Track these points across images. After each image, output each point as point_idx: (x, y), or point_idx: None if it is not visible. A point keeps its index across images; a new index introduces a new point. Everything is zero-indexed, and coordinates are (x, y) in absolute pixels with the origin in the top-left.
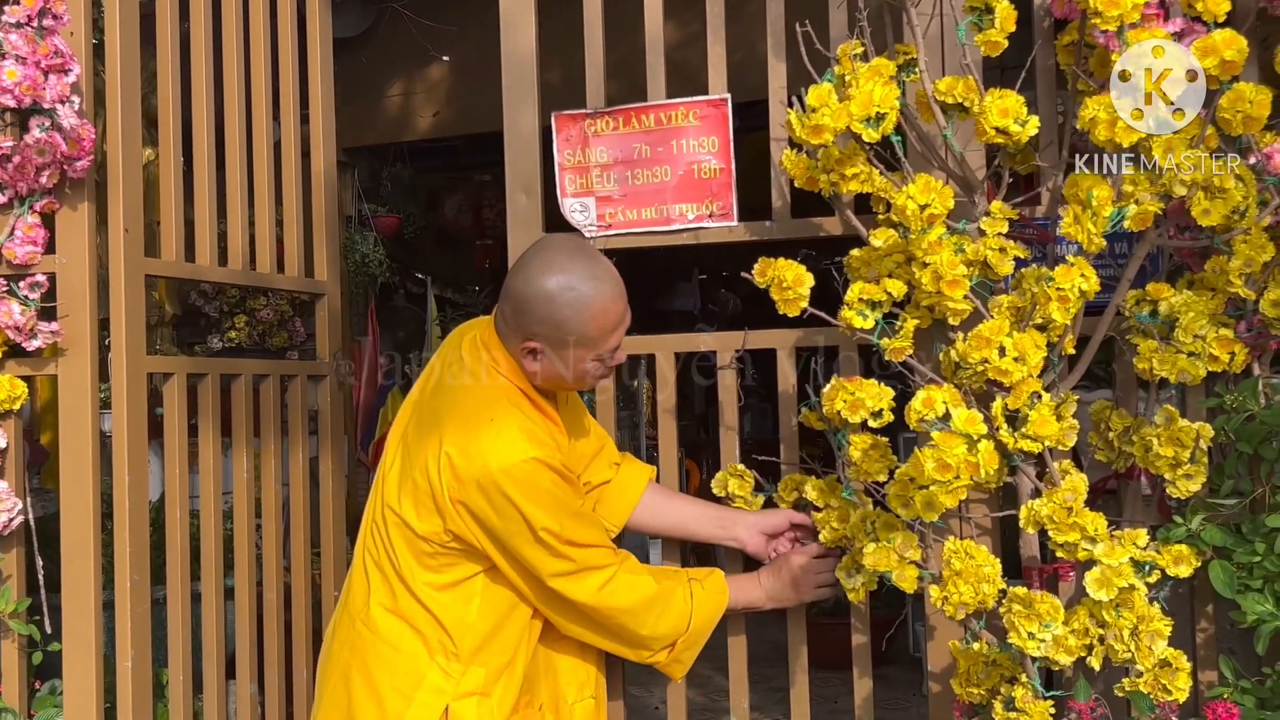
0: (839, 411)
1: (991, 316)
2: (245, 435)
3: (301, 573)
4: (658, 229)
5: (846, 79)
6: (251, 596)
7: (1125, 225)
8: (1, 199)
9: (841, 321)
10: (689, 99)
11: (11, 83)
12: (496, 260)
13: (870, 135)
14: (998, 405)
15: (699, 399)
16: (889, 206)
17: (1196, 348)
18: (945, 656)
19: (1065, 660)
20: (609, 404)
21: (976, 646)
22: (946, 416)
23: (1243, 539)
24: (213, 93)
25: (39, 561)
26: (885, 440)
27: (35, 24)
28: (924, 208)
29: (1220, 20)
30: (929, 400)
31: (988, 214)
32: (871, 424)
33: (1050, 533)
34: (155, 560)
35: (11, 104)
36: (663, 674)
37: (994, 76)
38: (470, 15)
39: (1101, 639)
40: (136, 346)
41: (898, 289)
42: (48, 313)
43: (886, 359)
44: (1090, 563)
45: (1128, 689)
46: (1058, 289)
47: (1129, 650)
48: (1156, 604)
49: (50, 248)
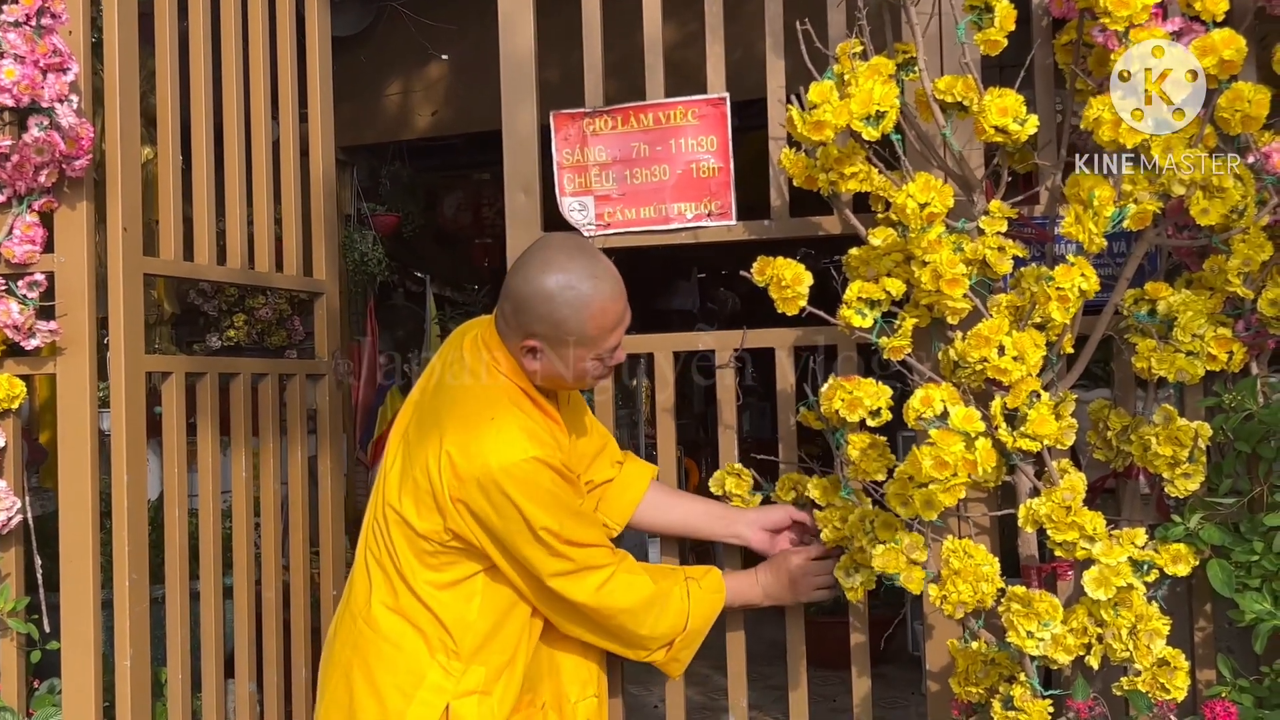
0: (837, 410)
1: (990, 315)
2: (244, 434)
3: (300, 572)
4: (656, 228)
5: (846, 78)
6: (250, 595)
7: (1124, 224)
8: (0, 198)
9: (840, 320)
10: (688, 98)
11: (10, 82)
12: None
13: (870, 134)
14: (996, 404)
15: (698, 398)
16: (888, 205)
17: (1195, 347)
18: (944, 655)
19: (1064, 659)
20: (608, 404)
21: (975, 645)
22: (944, 415)
23: (1241, 538)
24: (211, 91)
25: (38, 560)
26: (884, 439)
27: (34, 23)
28: (923, 206)
29: (1219, 20)
30: (927, 399)
31: (987, 213)
32: (870, 423)
33: (1049, 532)
34: (154, 559)
35: (10, 103)
36: (661, 672)
37: (993, 75)
38: (469, 14)
39: (1100, 638)
40: (135, 345)
41: (896, 288)
42: (46, 312)
43: (885, 358)
44: (1089, 562)
45: (1126, 688)
46: (1057, 288)
47: (1127, 649)
48: (1155, 603)
49: (49, 247)
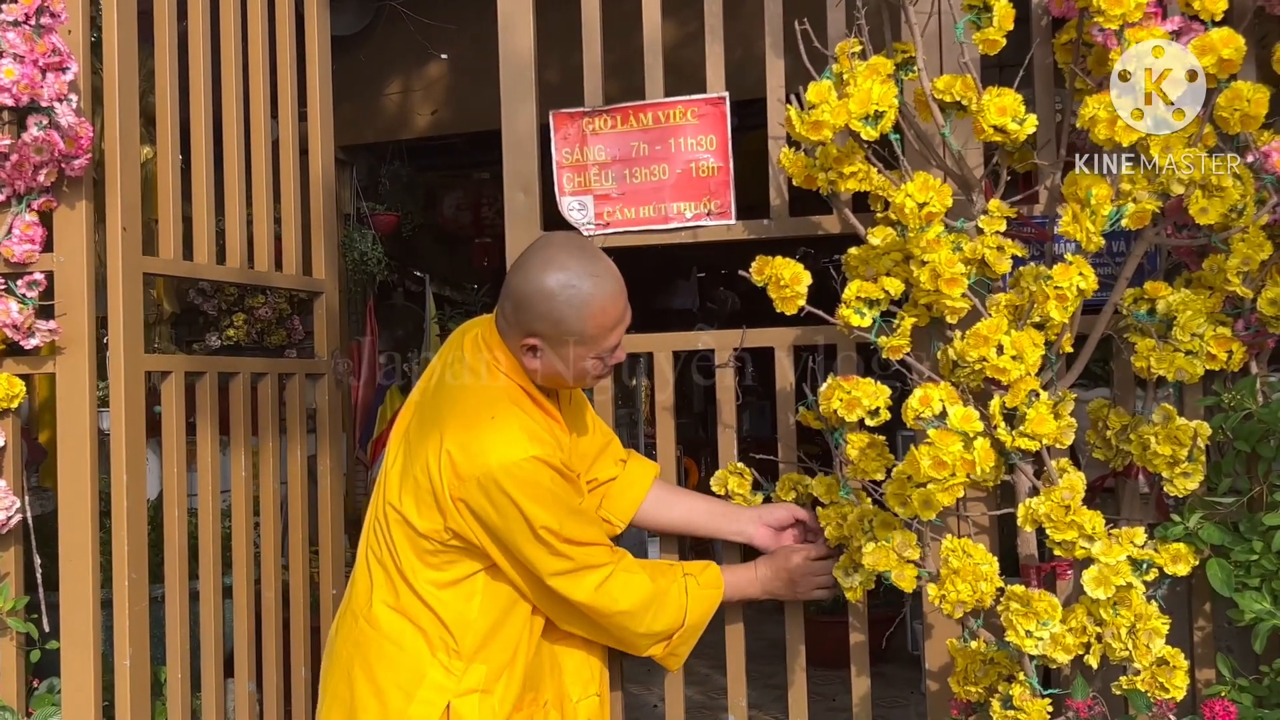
0: (835, 410)
1: (989, 315)
2: (243, 433)
3: (299, 571)
4: (656, 227)
5: (845, 77)
6: (250, 595)
7: (1123, 224)
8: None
9: (839, 320)
10: (687, 97)
11: (9, 81)
12: (495, 259)
13: (868, 133)
14: (995, 403)
15: (698, 397)
16: (887, 205)
17: (1194, 346)
18: (943, 655)
19: (1063, 658)
20: (608, 403)
21: (974, 645)
22: (943, 414)
23: (1240, 537)
24: (211, 91)
25: (37, 560)
26: (882, 439)
27: (33, 22)
28: (922, 206)
29: (1218, 19)
30: (926, 398)
31: (986, 212)
32: (869, 423)
33: (1048, 531)
34: (153, 558)
35: (9, 102)
36: (661, 671)
37: (992, 75)
38: (468, 13)
39: (1099, 637)
40: (134, 345)
41: (895, 287)
42: (46, 311)
43: (884, 357)
44: (1088, 561)
45: (1125, 687)
46: (1056, 287)
47: (1126, 648)
48: (1154, 602)
49: (48, 246)
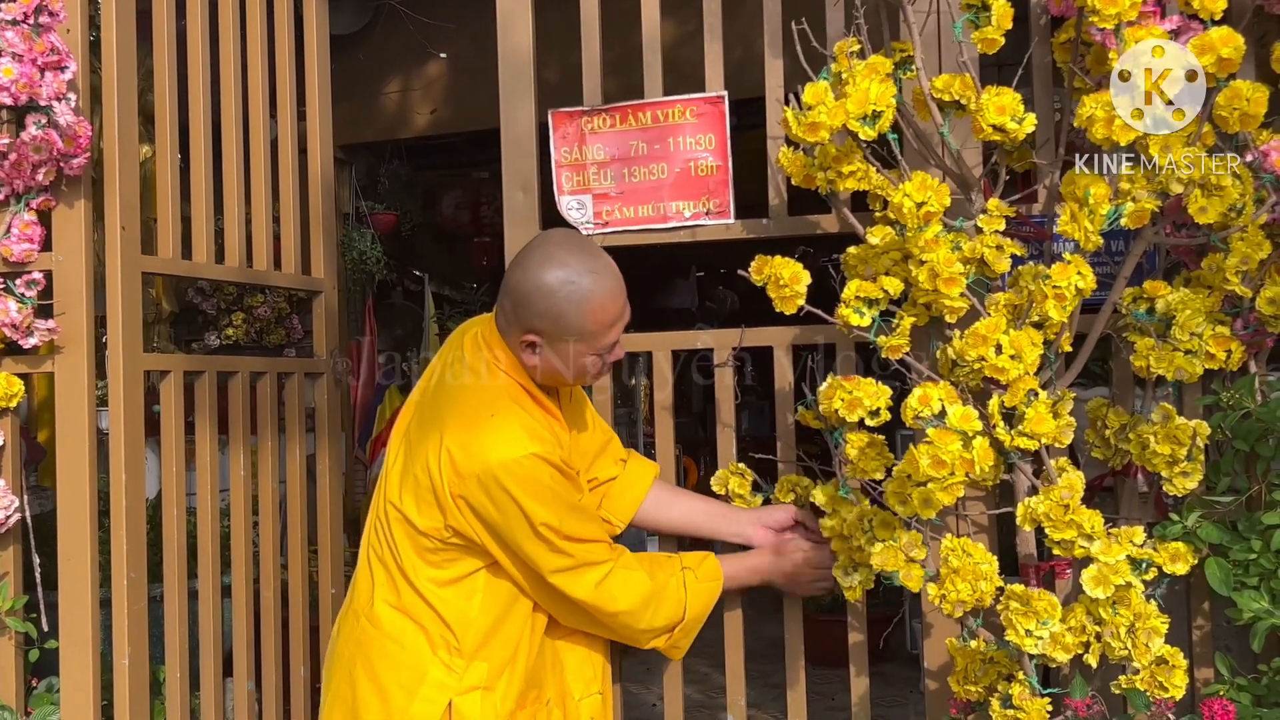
0: (836, 410)
1: (988, 314)
2: (242, 433)
3: (299, 570)
4: (655, 226)
5: (843, 76)
6: (249, 594)
7: (1122, 223)
8: None
9: (838, 319)
10: (686, 96)
11: (8, 80)
12: (494, 258)
13: (867, 133)
14: (994, 403)
15: (697, 397)
16: (886, 204)
17: (1193, 345)
18: (942, 654)
19: (1062, 657)
20: (607, 403)
21: (974, 644)
22: (942, 414)
23: (1239, 536)
24: (209, 90)
25: (36, 559)
26: (881, 438)
27: (31, 21)
28: (921, 205)
29: (1217, 18)
30: (925, 397)
31: (984, 211)
32: (869, 423)
33: (1047, 530)
34: (152, 558)
35: (8, 101)
36: (659, 669)
37: (991, 74)
38: (467, 12)
39: (1098, 636)
40: (133, 344)
41: (895, 287)
42: (44, 310)
43: (883, 356)
44: (1087, 560)
45: (1124, 686)
46: (1054, 287)
47: (1126, 647)
48: (1153, 601)
49: (47, 245)
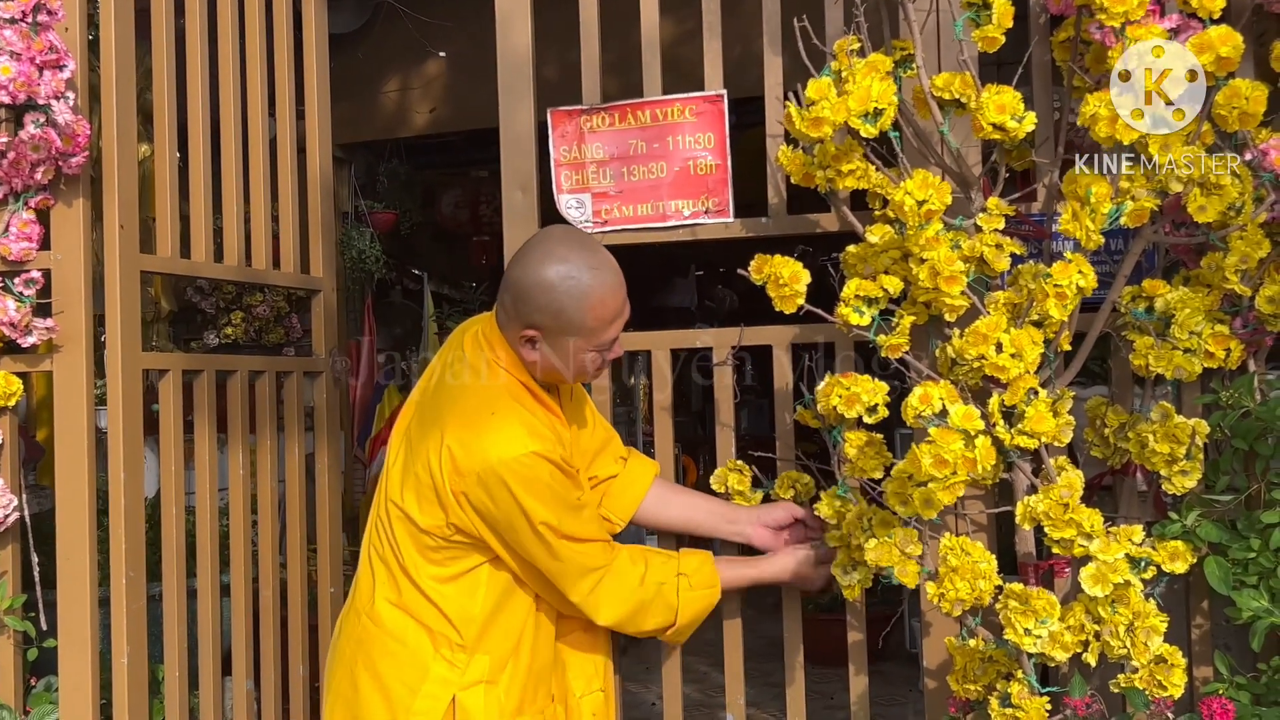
0: (834, 408)
1: (988, 313)
2: (241, 432)
3: (297, 569)
4: (654, 225)
5: (843, 75)
6: (247, 593)
7: (1122, 221)
8: None
9: (838, 318)
10: (685, 95)
11: (6, 79)
12: (493, 256)
13: (867, 131)
14: (994, 401)
15: (696, 396)
16: (885, 203)
17: (1192, 344)
18: (941, 653)
19: (1061, 656)
20: (606, 403)
21: (973, 643)
22: (943, 413)
23: (1238, 535)
24: (208, 89)
25: (34, 558)
26: (880, 437)
27: (30, 20)
28: (921, 204)
29: (1216, 16)
30: (926, 396)
31: (984, 210)
32: (867, 420)
33: (1046, 529)
34: (151, 557)
35: (6, 100)
36: (658, 668)
37: (991, 72)
38: (466, 11)
39: (1097, 635)
40: (132, 343)
41: (894, 285)
42: (43, 309)
43: (883, 355)
44: (1086, 559)
45: (1123, 685)
46: (1055, 285)
47: (1125, 646)
48: (1152, 600)
49: (45, 244)
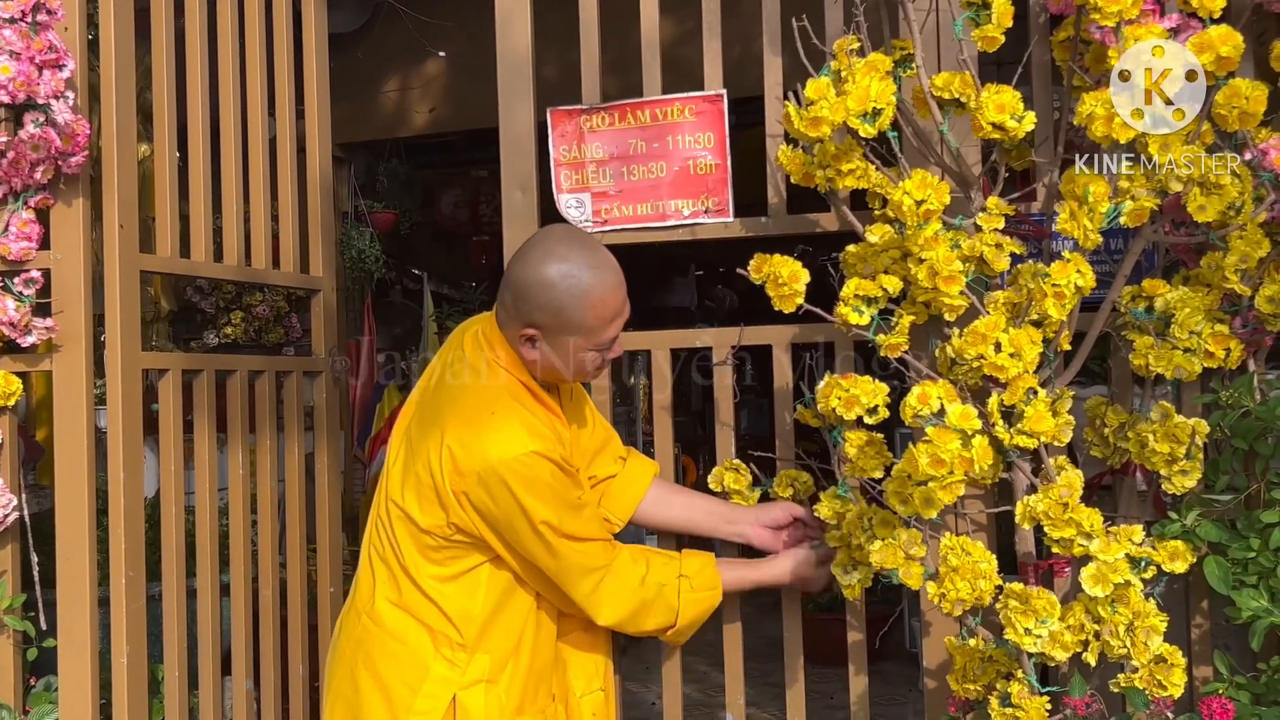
0: (834, 408)
1: (987, 312)
2: (241, 431)
3: (297, 569)
4: (653, 225)
5: (843, 74)
6: (247, 593)
7: (1121, 221)
8: None
9: (837, 318)
10: (685, 95)
11: (5, 78)
12: (493, 256)
13: (867, 130)
14: (994, 401)
15: (696, 396)
16: (885, 202)
17: (1192, 344)
18: (941, 652)
19: (1061, 656)
20: (605, 403)
21: (973, 642)
22: (942, 412)
23: (1238, 535)
24: (208, 88)
25: (34, 557)
26: (880, 437)
27: (29, 19)
28: (920, 203)
29: (1216, 16)
30: (924, 396)
31: (984, 209)
32: (867, 420)
33: (1046, 528)
34: (150, 556)
35: (5, 99)
36: (658, 668)
37: (990, 72)
38: (466, 10)
39: (1097, 635)
40: (132, 342)
41: (894, 285)
42: (42, 309)
43: (882, 355)
44: (1086, 558)
45: (1123, 684)
46: (1054, 285)
47: (1125, 646)
48: (1152, 600)
49: (45, 243)
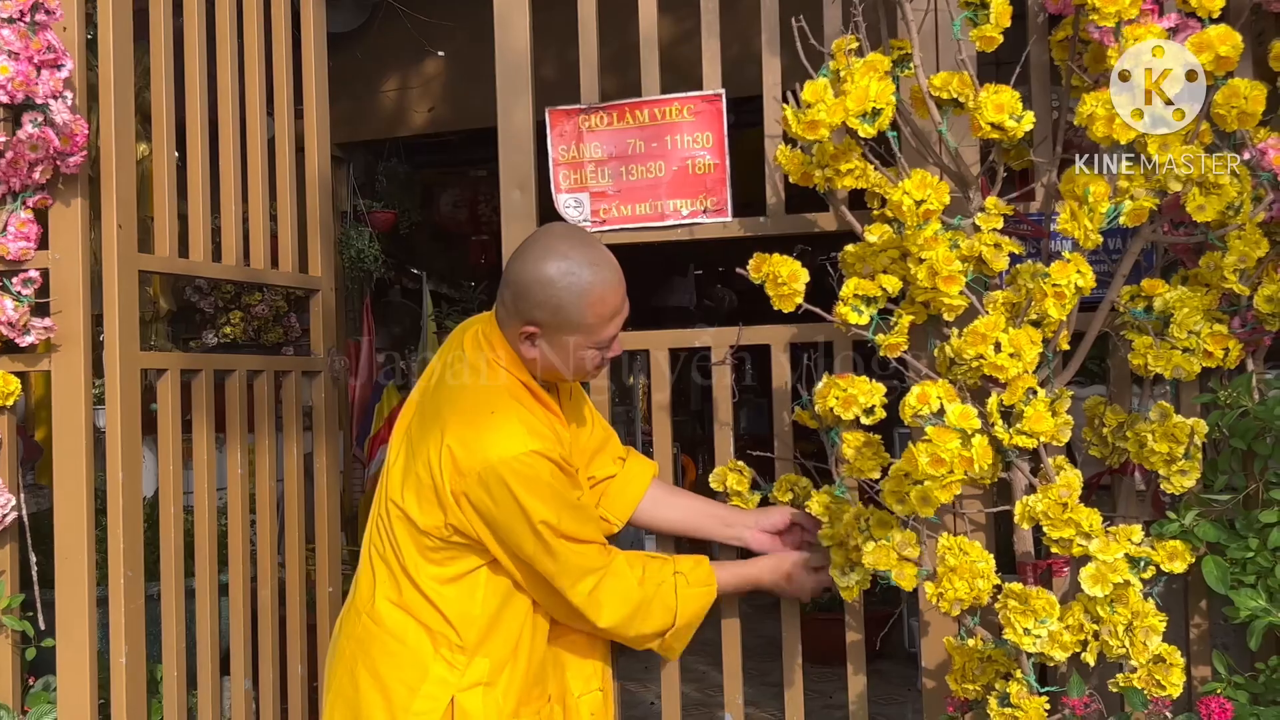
0: (832, 409)
1: (987, 312)
2: (240, 431)
3: (296, 568)
4: (652, 224)
5: (841, 74)
6: (246, 593)
7: (1120, 221)
8: None
9: (836, 317)
10: (683, 94)
11: (4, 78)
12: (492, 256)
13: (865, 130)
14: (993, 401)
15: (695, 395)
16: (884, 202)
17: (1191, 343)
18: (940, 652)
19: (1060, 656)
20: (605, 402)
21: (971, 642)
22: (941, 412)
23: (1236, 535)
24: (206, 88)
25: (33, 557)
26: (878, 437)
27: (28, 19)
28: (919, 203)
29: (1215, 15)
30: (923, 395)
31: (983, 209)
32: (864, 421)
33: (1045, 528)
34: (149, 556)
35: (4, 99)
36: (656, 667)
37: (989, 72)
38: (465, 10)
39: (1096, 634)
40: (130, 342)
41: (893, 285)
42: (41, 308)
43: (882, 354)
44: (1085, 558)
45: (1122, 684)
46: (1053, 285)
47: (1123, 646)
48: (1151, 599)
49: (44, 243)
